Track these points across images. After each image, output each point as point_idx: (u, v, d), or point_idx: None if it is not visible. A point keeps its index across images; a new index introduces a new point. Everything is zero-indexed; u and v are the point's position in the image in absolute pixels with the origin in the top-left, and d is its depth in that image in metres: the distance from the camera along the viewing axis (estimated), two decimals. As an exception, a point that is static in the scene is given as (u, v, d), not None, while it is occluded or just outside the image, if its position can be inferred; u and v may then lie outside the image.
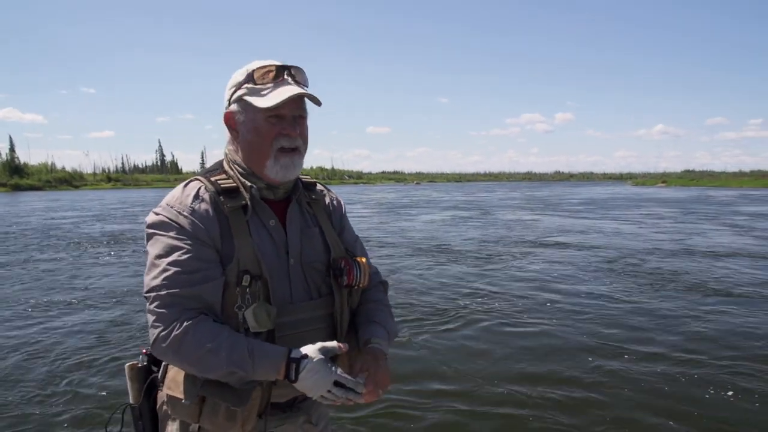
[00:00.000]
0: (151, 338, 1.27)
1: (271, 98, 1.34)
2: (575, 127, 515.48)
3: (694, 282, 7.49)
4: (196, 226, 1.31)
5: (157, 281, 1.27)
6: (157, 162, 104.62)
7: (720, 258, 9.52)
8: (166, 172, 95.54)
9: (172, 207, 1.34)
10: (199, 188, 1.38)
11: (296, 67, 1.43)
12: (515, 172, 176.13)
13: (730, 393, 3.80)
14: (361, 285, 1.46)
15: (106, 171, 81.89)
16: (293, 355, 1.26)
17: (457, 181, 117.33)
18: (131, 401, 1.50)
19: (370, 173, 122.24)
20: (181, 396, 1.36)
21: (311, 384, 1.25)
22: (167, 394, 1.41)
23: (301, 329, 1.39)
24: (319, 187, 1.61)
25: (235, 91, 1.41)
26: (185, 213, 1.32)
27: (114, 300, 6.65)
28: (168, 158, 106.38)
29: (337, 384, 1.26)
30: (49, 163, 70.62)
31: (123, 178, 75.62)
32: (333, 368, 1.27)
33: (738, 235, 12.99)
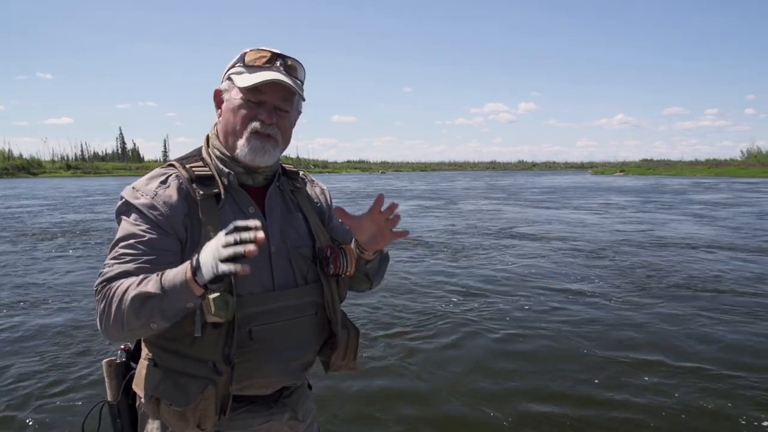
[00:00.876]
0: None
1: (251, 78, 1.32)
2: (538, 117, 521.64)
3: (658, 274, 7.57)
4: (157, 211, 1.28)
5: (108, 265, 1.25)
6: (117, 150, 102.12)
7: (692, 249, 9.60)
8: (127, 160, 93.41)
9: (136, 190, 1.32)
10: (169, 174, 1.35)
11: (295, 59, 1.39)
12: (479, 161, 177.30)
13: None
14: (349, 273, 1.43)
15: (66, 158, 79.78)
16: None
17: (423, 171, 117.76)
18: (109, 398, 1.47)
19: (335, 162, 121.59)
20: (141, 393, 1.35)
21: (206, 250, 1.10)
22: (134, 391, 1.40)
23: (286, 317, 1.36)
24: (302, 175, 1.59)
25: (228, 70, 1.40)
26: (147, 197, 1.30)
27: (80, 295, 6.58)
28: (129, 146, 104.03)
29: (227, 233, 1.08)
30: (6, 150, 68.46)
31: (83, 165, 73.74)
32: None
33: (701, 225, 13.49)
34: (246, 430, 1.39)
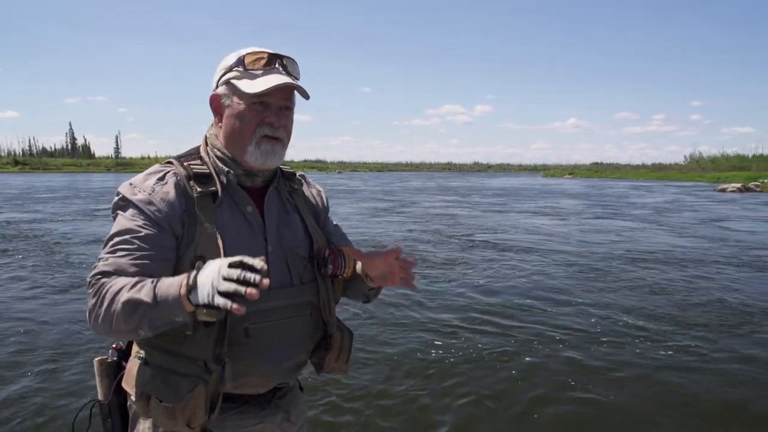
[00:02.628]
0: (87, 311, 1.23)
1: (258, 84, 1.33)
2: (494, 119, 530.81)
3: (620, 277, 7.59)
4: (154, 207, 1.29)
5: (102, 259, 1.25)
6: (67, 145, 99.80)
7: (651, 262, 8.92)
8: (77, 156, 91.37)
9: (133, 186, 1.33)
10: (168, 171, 1.36)
11: (289, 57, 1.41)
12: (436, 162, 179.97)
13: None
14: (346, 275, 1.45)
15: (13, 154, 77.53)
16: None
17: (380, 171, 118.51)
18: (100, 397, 1.48)
19: (292, 161, 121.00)
20: (131, 391, 1.36)
21: (205, 274, 1.10)
22: (124, 389, 1.39)
23: (282, 316, 1.38)
24: (299, 176, 1.61)
25: (223, 74, 1.39)
26: (144, 194, 1.31)
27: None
28: (80, 142, 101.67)
29: (231, 266, 1.08)
30: (-54, 144, 66.00)
31: (31, 161, 71.92)
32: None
33: (649, 230, 13.85)
34: (239, 431, 1.40)
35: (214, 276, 1.07)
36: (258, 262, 1.07)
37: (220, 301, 1.05)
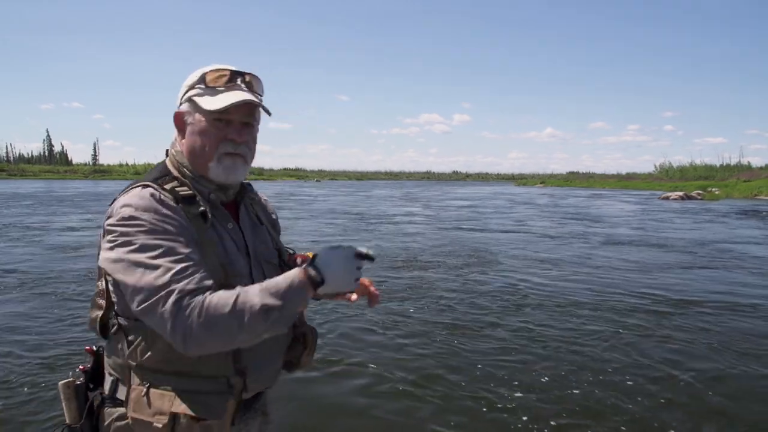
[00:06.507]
0: (174, 338, 1.19)
1: (218, 101, 1.34)
2: (472, 129, 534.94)
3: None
4: (183, 227, 1.29)
5: (164, 278, 1.20)
6: (44, 152, 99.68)
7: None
8: (54, 163, 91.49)
9: (147, 211, 1.28)
10: (161, 194, 1.33)
11: (252, 74, 1.41)
12: (415, 171, 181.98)
13: None
14: None
15: (-11, 160, 77.61)
16: (305, 265, 1.26)
17: (359, 179, 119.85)
18: (68, 421, 1.42)
19: (271, 169, 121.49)
20: (150, 419, 1.29)
21: (338, 266, 1.24)
22: (132, 417, 1.31)
23: None
24: (254, 187, 1.63)
25: (186, 92, 1.40)
26: (159, 216, 1.28)
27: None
28: (57, 149, 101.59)
29: (358, 256, 1.23)
30: None
31: (8, 168, 72.15)
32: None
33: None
34: None
35: (348, 263, 1.25)
36: (371, 253, 1.25)
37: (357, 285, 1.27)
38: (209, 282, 1.24)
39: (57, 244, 10.81)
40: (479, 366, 4.53)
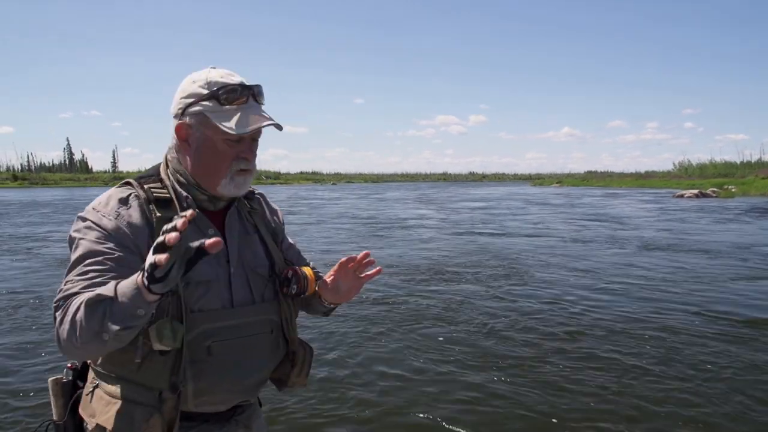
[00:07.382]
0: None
1: (239, 124, 1.33)
2: (488, 129, 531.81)
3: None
4: (121, 230, 1.29)
5: (71, 281, 1.23)
6: (65, 160, 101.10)
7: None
8: (75, 171, 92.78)
9: (97, 211, 1.32)
10: (130, 194, 1.36)
11: (257, 85, 1.41)
12: (431, 172, 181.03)
13: None
14: (307, 294, 1.50)
15: (11, 169, 79.00)
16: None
17: (375, 182, 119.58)
18: (55, 418, 1.47)
19: (288, 173, 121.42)
20: (87, 419, 1.39)
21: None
22: (79, 414, 1.42)
23: (242, 334, 1.40)
24: (258, 196, 1.62)
25: (192, 103, 1.37)
26: (110, 217, 1.30)
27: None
28: (77, 157, 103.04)
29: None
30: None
31: (30, 176, 73.31)
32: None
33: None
34: None
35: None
36: (184, 215, 1.05)
37: (151, 259, 1.04)
38: (103, 284, 1.20)
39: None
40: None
